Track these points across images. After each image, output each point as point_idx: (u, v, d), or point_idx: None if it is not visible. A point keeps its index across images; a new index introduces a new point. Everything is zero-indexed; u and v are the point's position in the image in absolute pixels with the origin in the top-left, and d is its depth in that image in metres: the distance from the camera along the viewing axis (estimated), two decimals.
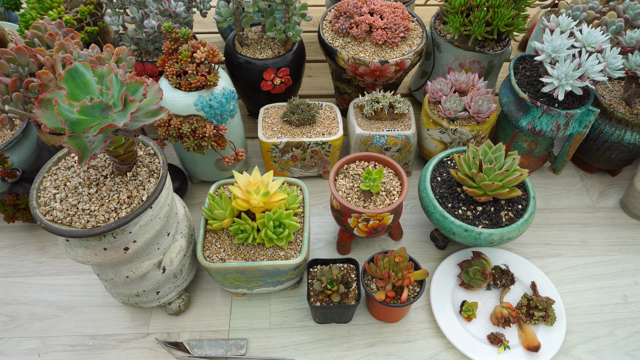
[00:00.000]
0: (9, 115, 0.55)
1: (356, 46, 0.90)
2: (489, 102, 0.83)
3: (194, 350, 0.71)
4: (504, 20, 0.84)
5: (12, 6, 1.05)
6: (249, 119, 1.09)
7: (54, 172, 0.61)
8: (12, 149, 0.84)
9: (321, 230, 0.88)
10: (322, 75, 1.22)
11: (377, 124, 0.89)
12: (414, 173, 0.99)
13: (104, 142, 0.49)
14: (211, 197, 0.70)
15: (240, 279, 0.69)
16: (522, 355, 0.70)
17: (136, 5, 0.86)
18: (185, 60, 0.73)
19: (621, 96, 0.88)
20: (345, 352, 0.72)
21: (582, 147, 0.94)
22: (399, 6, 0.93)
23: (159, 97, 0.50)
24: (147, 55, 0.92)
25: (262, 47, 0.93)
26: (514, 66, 0.89)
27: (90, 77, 0.47)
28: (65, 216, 0.56)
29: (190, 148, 0.76)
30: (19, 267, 0.83)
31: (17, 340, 0.73)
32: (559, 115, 0.80)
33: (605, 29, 0.84)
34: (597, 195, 0.96)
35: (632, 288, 0.81)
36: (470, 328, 0.74)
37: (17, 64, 0.58)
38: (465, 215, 0.74)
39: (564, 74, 0.75)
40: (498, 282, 0.78)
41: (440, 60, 0.98)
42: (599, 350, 0.73)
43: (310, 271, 0.72)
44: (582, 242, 0.88)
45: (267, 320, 0.76)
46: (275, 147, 0.86)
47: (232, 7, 0.87)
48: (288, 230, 0.66)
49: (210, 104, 0.75)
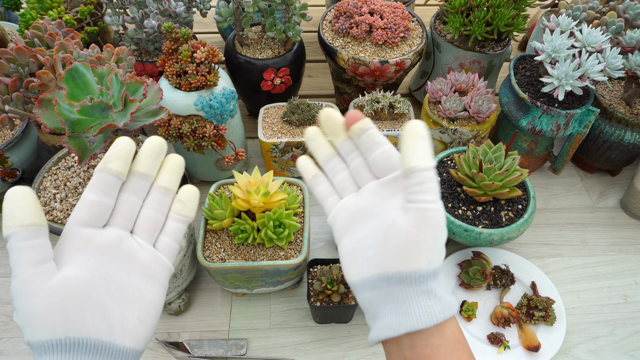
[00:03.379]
0: (9, 115, 0.55)
1: (356, 46, 0.90)
2: (489, 102, 0.83)
3: (194, 350, 0.71)
4: (504, 20, 0.84)
5: (12, 6, 1.05)
6: (249, 119, 1.09)
7: (54, 172, 0.61)
8: (12, 149, 0.84)
9: (321, 230, 0.88)
10: (322, 75, 1.22)
11: (377, 124, 0.89)
12: None
13: (104, 142, 0.49)
14: (211, 197, 0.70)
15: (240, 279, 0.69)
16: (522, 355, 0.70)
17: (136, 5, 0.86)
18: (185, 60, 0.73)
19: (621, 96, 0.88)
20: (345, 352, 0.72)
21: (582, 147, 0.94)
22: (399, 6, 0.93)
23: (159, 97, 0.50)
24: (147, 55, 0.92)
25: (262, 47, 0.93)
26: (514, 66, 0.89)
27: (90, 77, 0.47)
28: (65, 216, 0.56)
29: (190, 148, 0.76)
30: None
31: (17, 340, 0.73)
32: (559, 115, 0.80)
33: (605, 29, 0.84)
34: (597, 195, 0.96)
35: (632, 288, 0.81)
36: (470, 328, 0.74)
37: (17, 64, 0.59)
38: (465, 215, 0.74)
39: (564, 74, 0.75)
40: (498, 282, 0.78)
41: (440, 60, 0.98)
42: (599, 350, 0.73)
43: (310, 271, 0.72)
44: (582, 242, 0.88)
45: (267, 320, 0.76)
46: (275, 147, 0.86)
47: (232, 7, 0.87)
48: (288, 230, 0.66)
49: (210, 104, 0.75)
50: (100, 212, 0.34)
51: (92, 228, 0.34)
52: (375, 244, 0.35)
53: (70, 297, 0.30)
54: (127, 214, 0.35)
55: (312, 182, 0.41)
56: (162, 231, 0.38)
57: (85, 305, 0.31)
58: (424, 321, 0.32)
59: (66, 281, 0.31)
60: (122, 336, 0.32)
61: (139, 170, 0.36)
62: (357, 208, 0.38)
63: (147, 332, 0.34)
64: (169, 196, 0.38)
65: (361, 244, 0.36)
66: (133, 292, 0.34)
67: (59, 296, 0.30)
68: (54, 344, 0.29)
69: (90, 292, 0.31)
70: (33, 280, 0.30)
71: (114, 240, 0.34)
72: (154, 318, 0.35)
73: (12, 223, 0.30)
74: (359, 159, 0.39)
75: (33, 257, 0.30)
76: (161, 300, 0.35)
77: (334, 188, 0.40)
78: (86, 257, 0.33)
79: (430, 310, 0.33)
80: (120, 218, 0.35)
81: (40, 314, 0.29)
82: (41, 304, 0.30)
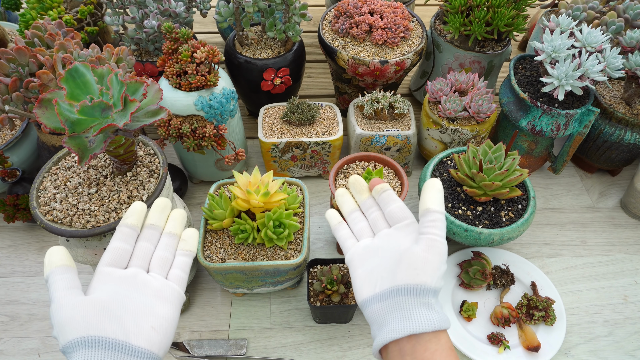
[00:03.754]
0: (9, 115, 0.55)
1: (356, 46, 0.90)
2: (489, 102, 0.83)
3: (194, 350, 0.71)
4: (504, 20, 0.84)
5: (12, 6, 1.05)
6: (249, 119, 1.09)
7: (54, 172, 0.61)
8: (12, 149, 0.84)
9: (321, 230, 0.88)
10: (322, 75, 1.22)
11: (377, 124, 0.89)
12: (414, 173, 0.99)
13: (104, 142, 0.49)
14: (211, 197, 0.70)
15: (240, 279, 0.69)
16: (522, 355, 0.70)
17: (136, 5, 0.86)
18: (185, 60, 0.73)
19: (621, 96, 0.88)
20: (345, 352, 0.72)
21: (582, 147, 0.94)
22: (399, 6, 0.93)
23: (159, 97, 0.50)
24: (147, 55, 0.92)
25: (262, 47, 0.93)
26: (514, 66, 0.89)
27: (90, 77, 0.47)
28: (65, 216, 0.56)
29: (190, 148, 0.76)
30: (19, 267, 0.83)
31: (17, 340, 0.73)
32: (559, 115, 0.80)
33: (605, 29, 0.84)
34: (597, 195, 0.96)
35: (632, 288, 0.81)
36: (470, 328, 0.74)
37: (17, 64, 0.58)
38: (465, 215, 0.74)
39: (564, 74, 0.75)
40: (498, 282, 0.78)
41: (440, 60, 0.98)
42: (599, 350, 0.73)
43: (310, 271, 0.72)
44: (582, 242, 0.88)
45: (267, 320, 0.76)
46: (275, 147, 0.86)
47: (232, 7, 0.87)
48: (288, 230, 0.66)
49: (210, 104, 0.75)
50: (121, 255, 0.44)
51: (114, 267, 0.43)
52: (389, 267, 0.43)
53: (91, 309, 0.39)
54: (142, 257, 0.45)
55: (336, 227, 0.51)
56: (172, 265, 0.46)
57: (103, 315, 0.39)
58: (425, 326, 0.39)
59: (89, 299, 0.40)
60: (136, 338, 0.39)
61: (149, 223, 0.47)
62: (374, 246, 0.47)
63: (161, 337, 0.40)
64: (175, 239, 0.47)
65: (376, 270, 0.45)
66: (146, 308, 0.41)
67: (83, 307, 0.39)
68: (79, 341, 0.37)
69: (109, 306, 0.39)
70: (64, 298, 0.39)
71: (131, 274, 0.43)
72: (167, 329, 0.41)
73: (50, 265, 0.41)
74: (377, 213, 0.49)
75: (65, 284, 0.40)
76: (173, 316, 0.43)
77: (354, 234, 0.50)
78: (108, 286, 0.41)
79: (430, 318, 0.40)
80: (137, 260, 0.44)
81: (67, 319, 0.38)
82: (68, 313, 0.38)
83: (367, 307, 0.44)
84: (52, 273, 0.41)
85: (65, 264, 0.42)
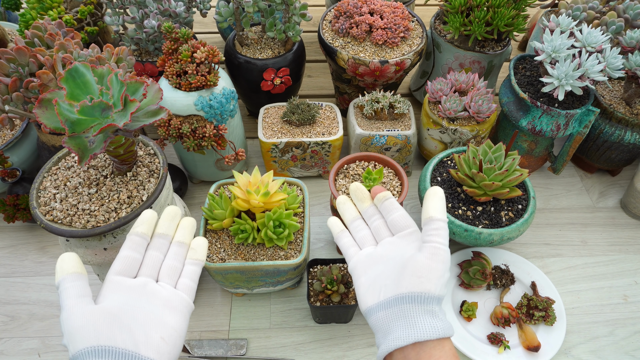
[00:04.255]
0: (9, 115, 0.55)
1: (356, 46, 0.90)
2: (489, 102, 0.83)
3: (194, 350, 0.71)
4: (504, 20, 0.84)
5: (12, 6, 1.05)
6: (249, 119, 1.09)
7: (54, 172, 0.61)
8: (12, 149, 0.84)
9: (321, 230, 0.88)
10: (322, 75, 1.22)
11: (377, 124, 0.89)
12: (414, 173, 0.99)
13: (104, 142, 0.49)
14: (211, 197, 0.70)
15: (240, 279, 0.69)
16: (522, 355, 0.70)
17: (136, 5, 0.86)
18: (185, 60, 0.73)
19: (621, 96, 0.88)
20: (345, 352, 0.72)
21: (582, 147, 0.94)
22: (399, 6, 0.93)
23: (159, 97, 0.50)
24: (147, 55, 0.92)
25: (262, 47, 0.93)
26: (514, 66, 0.89)
27: (90, 77, 0.47)
28: (65, 216, 0.56)
29: (190, 148, 0.76)
30: (19, 267, 0.83)
31: (17, 340, 0.73)
32: (559, 115, 0.80)
33: (605, 29, 0.84)
34: (597, 195, 0.96)
35: (632, 288, 0.81)
36: (470, 328, 0.74)
37: (17, 64, 0.58)
38: (465, 215, 0.74)
39: (564, 74, 0.75)
40: (498, 282, 0.78)
41: (440, 60, 0.98)
42: (599, 350, 0.73)
43: (310, 271, 0.72)
44: (582, 242, 0.88)
45: (267, 320, 0.76)
46: (275, 147, 0.86)
47: (232, 7, 0.87)
48: (288, 230, 0.66)
49: (210, 104, 0.75)
50: (131, 264, 0.44)
51: (124, 277, 0.43)
52: (393, 275, 0.44)
53: (101, 318, 0.39)
54: (151, 266, 0.45)
55: (338, 235, 0.52)
56: (181, 274, 0.46)
57: (113, 324, 0.39)
58: (429, 334, 0.39)
59: (100, 308, 0.40)
60: (145, 348, 0.39)
61: (159, 232, 0.46)
62: (377, 254, 0.47)
63: (170, 348, 0.40)
64: (184, 248, 0.47)
65: (380, 277, 0.45)
66: (156, 318, 0.41)
67: (93, 316, 0.39)
68: (89, 350, 0.37)
69: (119, 316, 0.40)
70: (75, 307, 0.39)
71: (141, 284, 0.43)
72: (176, 340, 0.41)
73: (62, 272, 0.41)
74: (379, 221, 0.50)
75: (76, 292, 0.40)
76: (182, 327, 0.43)
77: (356, 242, 0.50)
78: (118, 295, 0.41)
79: (435, 326, 0.40)
80: (146, 269, 0.44)
81: (78, 328, 0.38)
82: (79, 322, 0.38)
83: (371, 315, 0.44)
84: (63, 280, 0.41)
85: (76, 271, 0.42)
